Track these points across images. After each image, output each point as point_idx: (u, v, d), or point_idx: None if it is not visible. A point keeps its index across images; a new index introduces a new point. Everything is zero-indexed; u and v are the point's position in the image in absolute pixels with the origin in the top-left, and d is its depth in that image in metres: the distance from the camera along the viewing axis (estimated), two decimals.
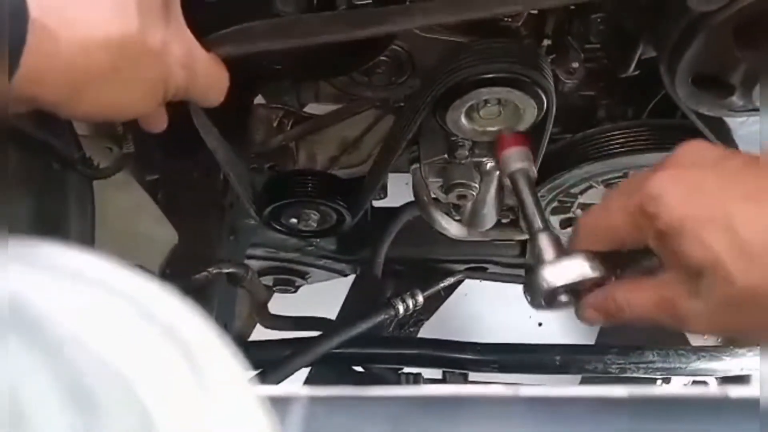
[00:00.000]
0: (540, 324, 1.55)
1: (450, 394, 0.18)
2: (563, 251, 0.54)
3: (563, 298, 0.52)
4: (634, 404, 0.19)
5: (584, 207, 0.83)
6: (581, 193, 0.81)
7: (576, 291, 0.52)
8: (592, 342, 1.50)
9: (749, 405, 0.22)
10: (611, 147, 0.74)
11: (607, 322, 0.49)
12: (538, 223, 0.60)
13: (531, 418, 0.18)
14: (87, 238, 0.68)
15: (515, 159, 0.65)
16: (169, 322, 0.12)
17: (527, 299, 0.54)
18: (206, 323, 0.13)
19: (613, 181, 0.78)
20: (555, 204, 0.83)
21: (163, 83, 0.50)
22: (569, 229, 0.87)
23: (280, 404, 0.17)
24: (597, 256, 0.50)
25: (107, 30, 0.44)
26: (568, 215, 0.86)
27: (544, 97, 0.62)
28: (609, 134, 0.73)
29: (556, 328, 1.53)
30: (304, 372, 1.07)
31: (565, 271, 0.51)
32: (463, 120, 0.66)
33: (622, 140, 0.73)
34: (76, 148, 0.69)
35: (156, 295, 0.13)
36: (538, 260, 0.55)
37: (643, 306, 0.46)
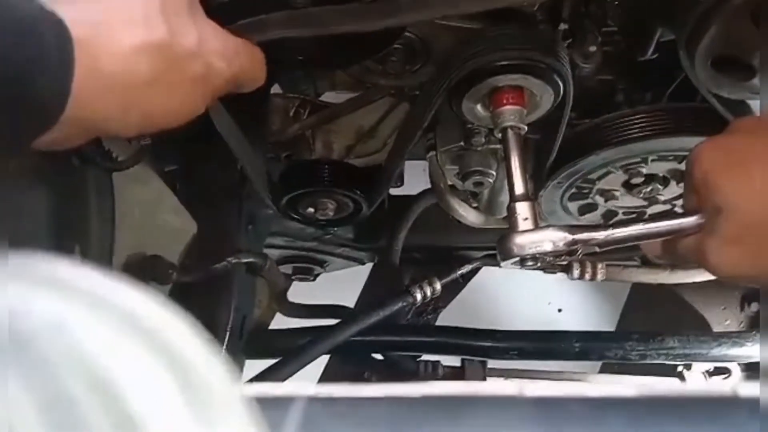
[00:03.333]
0: (560, 310, 1.54)
1: (452, 393, 0.18)
2: (536, 221, 0.62)
3: (530, 262, 0.62)
4: (643, 403, 0.19)
5: (603, 193, 0.82)
6: (600, 178, 0.80)
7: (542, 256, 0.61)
8: (612, 328, 1.49)
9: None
10: (630, 132, 0.72)
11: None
12: (520, 188, 0.63)
13: (535, 418, 0.18)
14: (107, 232, 0.69)
15: (510, 116, 0.64)
16: (158, 333, 0.12)
17: (498, 256, 0.63)
18: (196, 334, 0.13)
19: (632, 166, 0.77)
20: (573, 190, 0.82)
21: (207, 80, 0.51)
22: (588, 215, 0.87)
23: (278, 404, 0.17)
24: (565, 228, 0.60)
25: (141, 39, 0.44)
26: (586, 201, 0.85)
27: (560, 84, 0.62)
28: (628, 119, 0.72)
29: (576, 314, 1.53)
30: (323, 359, 1.08)
31: (533, 242, 0.60)
32: (479, 108, 0.65)
33: (641, 125, 0.71)
34: (94, 142, 0.70)
35: (146, 305, 0.13)
36: (513, 226, 0.62)
37: (689, 249, 0.54)
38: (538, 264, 0.62)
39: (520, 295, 1.52)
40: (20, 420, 0.09)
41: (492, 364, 1.08)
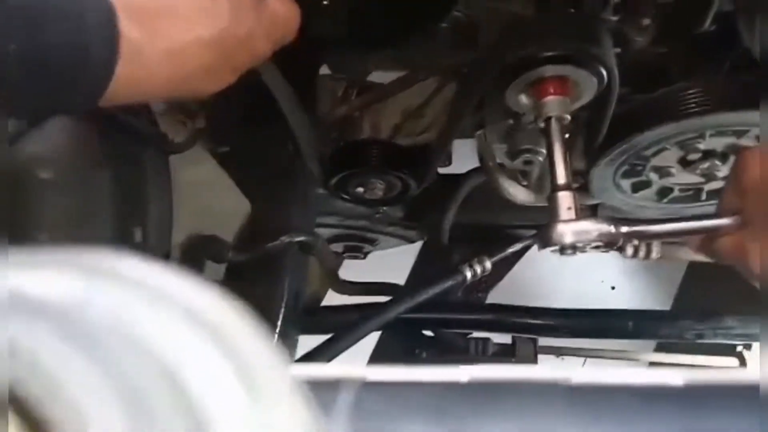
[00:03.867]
0: (613, 288, 1.51)
1: (500, 377, 0.19)
2: (577, 211, 0.64)
3: (569, 251, 0.64)
4: (692, 393, 0.19)
5: (657, 170, 0.80)
6: (654, 155, 0.78)
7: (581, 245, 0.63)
8: (667, 307, 1.46)
9: None
10: (687, 106, 0.70)
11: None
12: (562, 178, 0.64)
13: (577, 405, 0.18)
14: (166, 214, 0.72)
15: (553, 106, 0.64)
16: (215, 323, 0.13)
17: (538, 244, 0.66)
18: (250, 322, 0.14)
19: (688, 142, 0.74)
20: (626, 167, 0.80)
21: (251, 60, 0.52)
22: (642, 193, 0.85)
23: (329, 387, 0.18)
24: (607, 220, 0.62)
25: (199, 33, 0.45)
26: (640, 178, 0.83)
27: (604, 72, 0.61)
28: (684, 93, 0.70)
29: (629, 292, 1.50)
30: (374, 336, 1.10)
31: (575, 232, 0.62)
32: (523, 97, 0.65)
33: (698, 99, 0.69)
34: (152, 126, 0.72)
35: (203, 297, 0.13)
36: (555, 215, 0.64)
37: (728, 249, 0.56)
38: (576, 252, 0.63)
39: (572, 273, 1.50)
40: (102, 408, 0.10)
41: (543, 341, 1.08)
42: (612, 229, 0.61)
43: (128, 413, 0.10)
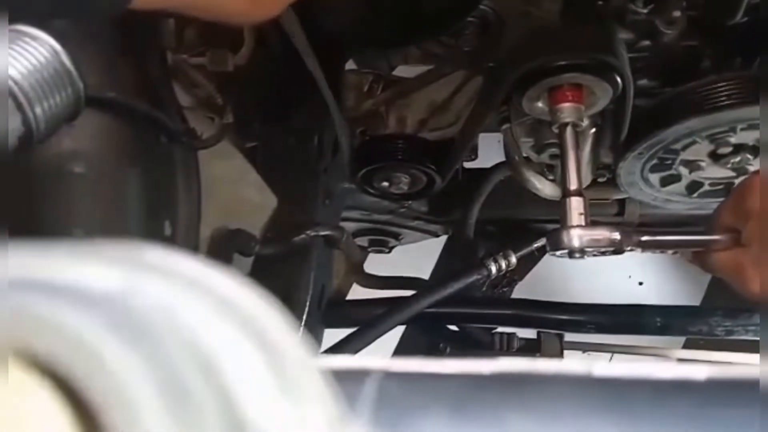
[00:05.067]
0: (641, 283, 1.50)
1: (521, 370, 0.19)
2: (587, 217, 0.66)
3: (577, 254, 0.66)
4: (713, 388, 0.19)
5: (687, 164, 0.79)
6: (684, 149, 0.77)
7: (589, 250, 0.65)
8: (697, 303, 1.44)
9: None
10: (717, 100, 0.69)
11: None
12: (574, 183, 0.66)
13: (599, 398, 0.18)
14: (194, 207, 0.73)
15: (568, 113, 0.66)
16: (248, 314, 0.13)
17: (547, 247, 0.68)
18: (279, 313, 0.14)
19: (719, 136, 0.73)
20: (655, 161, 0.80)
21: None
22: (671, 187, 0.84)
23: (354, 377, 0.18)
24: (615, 228, 0.64)
25: None
26: (669, 172, 0.82)
27: (618, 78, 0.63)
28: (715, 86, 0.69)
29: (658, 288, 1.48)
30: (398, 330, 1.10)
31: (585, 237, 0.64)
32: (539, 104, 0.66)
33: (729, 92, 0.68)
34: (180, 121, 0.73)
35: (237, 289, 0.14)
36: (566, 220, 0.66)
37: (723, 265, 0.60)
38: (584, 256, 0.66)
39: (599, 268, 1.48)
40: (142, 396, 0.11)
41: (569, 337, 1.07)
42: (619, 236, 0.63)
43: (166, 394, 0.11)
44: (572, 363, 0.20)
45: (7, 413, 0.11)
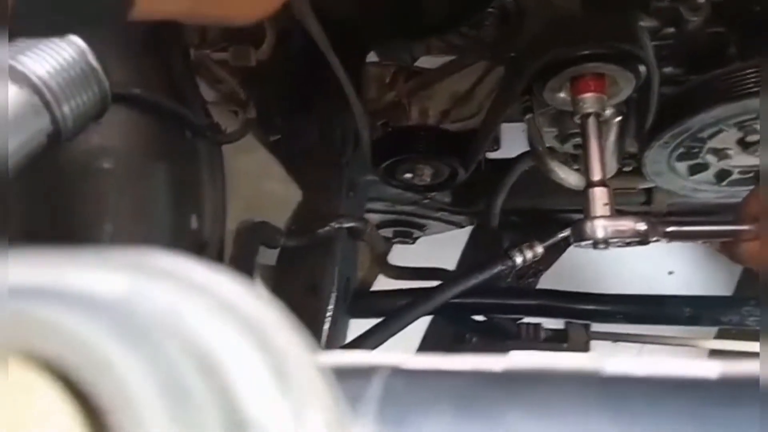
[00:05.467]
0: (671, 273, 1.47)
1: (530, 367, 0.19)
2: (612, 207, 0.65)
3: (601, 245, 0.66)
4: (726, 386, 0.19)
5: (715, 152, 0.77)
6: (711, 137, 0.75)
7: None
8: (729, 293, 1.41)
9: None
10: (745, 86, 0.68)
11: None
12: (597, 174, 0.66)
13: (609, 396, 0.18)
14: (220, 201, 0.74)
15: (590, 103, 0.65)
16: (252, 320, 0.14)
17: (571, 238, 0.69)
18: (285, 321, 0.15)
19: (747, 123, 0.72)
20: (681, 150, 0.78)
21: None
22: (699, 176, 0.82)
23: (361, 375, 0.18)
24: (641, 218, 0.64)
25: None
26: (697, 161, 0.80)
27: (641, 67, 0.62)
28: (742, 73, 0.68)
29: (688, 277, 1.46)
30: (424, 321, 1.11)
31: (610, 228, 0.64)
32: (561, 94, 0.66)
33: (755, 79, 0.66)
34: (204, 116, 0.74)
35: (243, 295, 0.14)
36: (588, 211, 0.66)
37: (750, 255, 0.61)
38: (608, 247, 0.65)
39: (628, 257, 1.46)
40: (144, 398, 0.12)
41: (598, 327, 1.06)
42: (644, 227, 0.61)
43: (167, 395, 0.12)
44: (584, 359, 0.20)
45: (16, 411, 0.12)
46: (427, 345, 1.34)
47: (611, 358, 0.21)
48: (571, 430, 0.17)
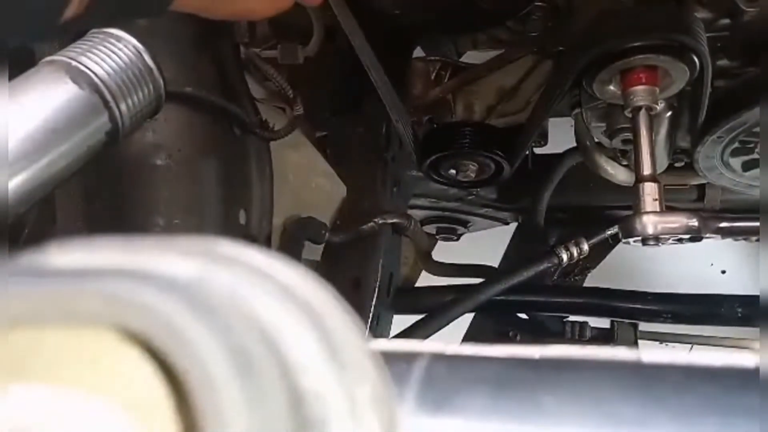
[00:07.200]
0: (723, 272, 1.43)
1: (568, 356, 0.19)
2: (662, 203, 0.64)
3: (651, 242, 0.64)
4: (757, 376, 0.18)
5: None
6: None
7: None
8: None
9: None
10: None
11: None
12: (648, 168, 0.64)
13: (648, 385, 0.18)
14: (267, 196, 0.76)
15: (642, 96, 0.64)
16: (307, 301, 0.15)
17: (620, 234, 0.66)
18: (338, 304, 0.16)
19: None
20: (736, 145, 0.76)
21: None
22: (754, 171, 0.80)
23: (405, 359, 0.19)
24: (692, 215, 0.62)
25: None
26: (752, 156, 0.78)
27: (695, 59, 0.59)
28: None
29: (741, 276, 1.41)
30: (468, 317, 1.11)
31: (660, 224, 0.62)
32: (612, 87, 0.65)
33: None
34: (253, 113, 0.76)
35: (298, 279, 0.16)
36: (637, 207, 0.64)
37: None
38: (659, 243, 0.64)
39: (680, 255, 1.43)
40: (216, 364, 0.13)
41: (646, 327, 1.04)
42: (696, 223, 0.60)
43: (235, 362, 0.14)
44: (622, 350, 0.21)
45: (108, 373, 0.14)
46: (469, 342, 1.33)
47: (649, 350, 0.21)
48: (608, 414, 0.17)
